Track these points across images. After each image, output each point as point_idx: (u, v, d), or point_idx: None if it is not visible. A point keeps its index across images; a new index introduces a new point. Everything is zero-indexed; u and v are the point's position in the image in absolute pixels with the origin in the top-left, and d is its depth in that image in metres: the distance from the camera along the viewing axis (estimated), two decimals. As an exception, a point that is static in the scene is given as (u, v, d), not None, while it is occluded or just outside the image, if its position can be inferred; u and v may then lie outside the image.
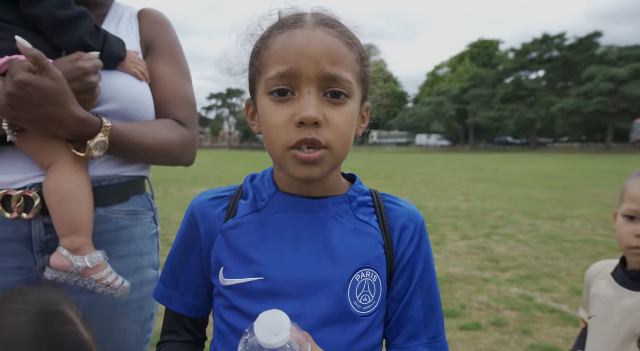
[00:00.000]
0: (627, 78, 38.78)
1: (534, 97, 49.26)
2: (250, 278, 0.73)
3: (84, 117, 0.93)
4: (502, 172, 17.15)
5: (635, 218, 1.12)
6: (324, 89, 0.68)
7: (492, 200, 9.28)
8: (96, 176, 1.06)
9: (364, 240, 0.75)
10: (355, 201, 0.78)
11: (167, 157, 1.13)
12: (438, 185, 12.20)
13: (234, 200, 0.80)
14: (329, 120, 0.67)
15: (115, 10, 1.22)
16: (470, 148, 53.52)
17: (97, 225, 1.03)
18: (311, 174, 0.69)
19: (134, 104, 1.09)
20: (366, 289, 0.73)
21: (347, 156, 0.74)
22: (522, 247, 5.31)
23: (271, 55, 0.70)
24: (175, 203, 8.59)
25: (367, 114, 0.81)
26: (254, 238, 0.75)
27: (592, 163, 22.20)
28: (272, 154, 0.72)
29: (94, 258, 0.98)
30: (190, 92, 1.24)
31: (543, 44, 49.62)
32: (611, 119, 41.45)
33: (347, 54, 0.70)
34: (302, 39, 0.68)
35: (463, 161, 26.06)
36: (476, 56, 64.81)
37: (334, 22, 0.72)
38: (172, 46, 1.25)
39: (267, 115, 0.69)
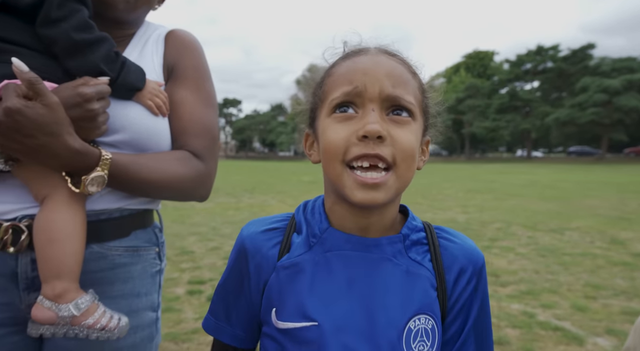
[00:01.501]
0: (620, 89, 39.23)
1: (528, 108, 49.69)
2: (304, 323, 0.69)
3: (80, 148, 0.85)
4: (498, 182, 17.16)
5: None
6: (387, 109, 0.67)
7: (489, 211, 9.24)
8: (94, 210, 0.97)
9: (417, 284, 0.71)
10: (408, 239, 0.74)
11: (176, 193, 1.03)
12: (435, 196, 12.15)
13: (287, 234, 0.76)
14: (394, 137, 0.65)
15: (144, 31, 1.14)
16: (466, 158, 53.70)
17: (90, 263, 0.95)
18: (374, 200, 0.65)
19: (146, 134, 1.00)
20: (422, 336, 0.69)
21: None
22: (521, 260, 5.25)
23: (335, 79, 0.71)
24: (170, 214, 8.49)
25: (426, 148, 0.78)
26: (307, 280, 0.72)
27: (587, 173, 22.30)
28: (329, 174, 0.69)
29: (80, 304, 0.88)
30: (212, 121, 1.13)
31: (537, 55, 50.23)
32: (605, 130, 41.80)
33: (409, 79, 0.70)
34: (367, 62, 0.69)
35: (459, 171, 26.10)
36: (471, 67, 65.39)
37: (397, 53, 0.74)
38: (197, 71, 1.14)
39: (328, 132, 0.68)
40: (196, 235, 6.57)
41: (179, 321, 3.35)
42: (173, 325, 3.26)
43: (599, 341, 3.02)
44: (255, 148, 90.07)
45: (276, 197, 11.90)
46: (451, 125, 53.77)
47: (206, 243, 6.06)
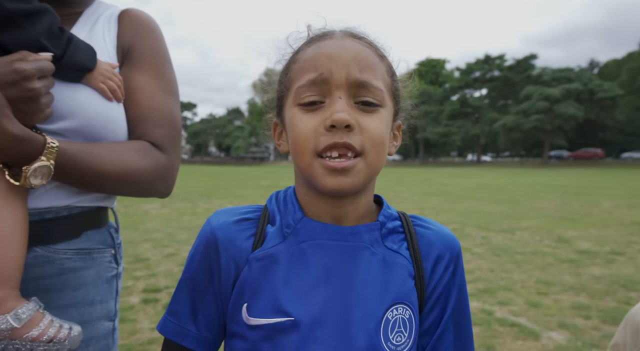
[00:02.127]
0: (560, 97, 42.03)
1: (478, 114, 52.09)
2: (279, 319, 0.65)
3: (20, 133, 0.74)
4: (451, 185, 17.78)
5: None
6: (355, 96, 0.65)
7: (445, 213, 9.52)
8: (37, 208, 0.85)
9: (394, 272, 0.69)
10: (385, 228, 0.71)
11: (134, 187, 0.92)
12: (392, 199, 12.38)
13: (261, 225, 0.71)
14: (362, 125, 0.63)
15: (94, 10, 1.02)
16: (421, 162, 55.34)
17: (34, 268, 0.83)
18: (342, 185, 0.63)
19: (99, 122, 0.89)
20: (399, 327, 0.67)
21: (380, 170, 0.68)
22: (477, 260, 5.43)
23: (300, 65, 0.68)
24: (122, 220, 8.05)
25: (398, 133, 0.76)
26: (282, 272, 0.67)
27: (533, 177, 23.59)
28: (300, 164, 0.66)
29: (21, 314, 0.76)
30: (173, 109, 1.02)
31: (485, 63, 52.84)
32: (547, 135, 44.54)
33: (377, 62, 0.68)
34: (332, 46, 0.66)
35: (414, 175, 26.82)
36: (424, 74, 67.59)
37: (363, 36, 0.71)
38: (156, 54, 1.03)
39: (295, 123, 0.65)
40: (150, 242, 6.29)
41: (134, 331, 3.16)
42: (127, 336, 3.08)
43: (553, 336, 3.15)
44: (210, 152, 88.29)
45: (234, 202, 11.67)
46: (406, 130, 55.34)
47: (161, 249, 5.81)
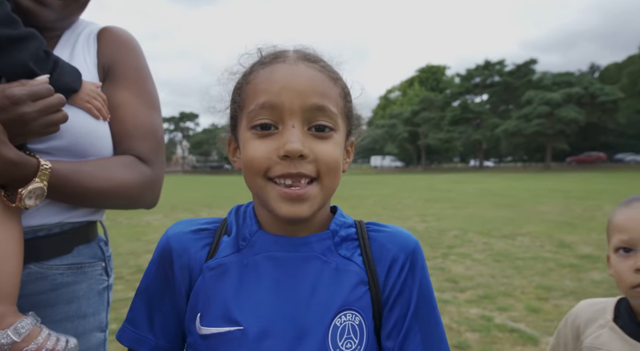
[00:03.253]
0: (561, 102, 42.01)
1: (479, 120, 52.06)
2: (229, 328, 0.67)
3: (15, 158, 0.78)
4: (454, 191, 17.75)
5: (631, 250, 0.94)
6: (309, 122, 0.66)
7: (447, 219, 9.52)
8: (30, 226, 0.89)
9: (344, 280, 0.70)
10: (338, 236, 0.73)
11: (123, 200, 0.97)
12: (394, 206, 12.39)
13: (217, 236, 0.73)
14: (316, 153, 0.65)
15: (73, 29, 1.05)
16: (423, 168, 55.30)
17: (28, 285, 0.87)
18: (298, 213, 0.65)
19: (86, 140, 0.93)
20: (348, 333, 0.68)
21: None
22: (478, 266, 5.43)
23: (252, 88, 0.68)
24: (124, 233, 8.13)
25: (351, 149, 0.78)
26: (233, 282, 0.69)
27: (535, 181, 23.54)
28: (252, 187, 0.68)
29: (20, 328, 0.79)
30: (156, 124, 1.07)
31: (485, 69, 52.93)
32: (549, 140, 44.46)
33: (330, 86, 0.69)
34: (285, 72, 0.67)
35: (417, 181, 26.80)
36: (425, 80, 67.79)
37: (316, 58, 0.71)
38: (137, 70, 1.07)
39: (248, 147, 0.66)
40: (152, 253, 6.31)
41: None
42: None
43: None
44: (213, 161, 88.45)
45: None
46: (407, 137, 55.38)
47: (164, 260, 5.82)
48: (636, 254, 0.93)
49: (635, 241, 0.94)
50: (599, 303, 1.06)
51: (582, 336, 1.03)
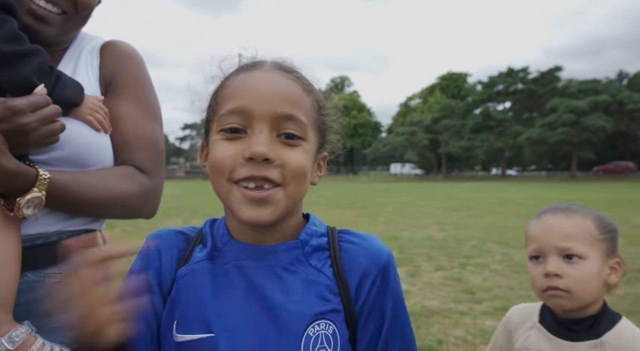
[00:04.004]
0: (587, 110, 40.93)
1: (502, 127, 51.16)
2: (201, 335, 0.67)
3: (14, 168, 0.80)
4: (474, 200, 17.46)
5: (540, 257, 1.06)
6: (277, 130, 0.66)
7: (465, 229, 9.37)
8: (28, 235, 0.91)
9: (315, 291, 0.70)
10: (308, 245, 0.73)
11: (122, 210, 0.99)
12: (412, 214, 12.26)
13: (192, 244, 0.75)
14: (283, 158, 0.65)
15: (77, 44, 1.09)
16: (443, 176, 54.63)
17: (25, 293, 0.88)
18: (261, 216, 0.65)
19: (86, 150, 0.96)
20: (322, 343, 0.68)
21: (304, 197, 0.70)
22: (496, 277, 5.33)
23: (226, 93, 0.70)
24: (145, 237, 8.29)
25: (323, 163, 0.78)
26: (205, 290, 0.70)
27: (559, 191, 22.93)
28: (217, 190, 0.68)
29: (15, 337, 0.80)
30: (156, 134, 1.09)
31: (508, 76, 52.06)
32: (574, 148, 43.32)
33: (302, 97, 0.69)
34: (258, 79, 0.68)
35: (436, 190, 26.47)
36: (446, 88, 67.20)
37: (292, 69, 0.73)
38: (137, 81, 1.10)
39: (215, 149, 0.67)
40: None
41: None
42: None
43: (570, 356, 3.07)
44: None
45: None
46: (428, 144, 54.85)
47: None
48: (545, 261, 1.05)
49: (543, 249, 1.05)
50: (528, 307, 1.16)
51: (514, 338, 1.13)
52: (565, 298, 1.02)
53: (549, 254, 1.05)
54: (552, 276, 1.02)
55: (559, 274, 1.02)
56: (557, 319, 1.08)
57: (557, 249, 1.04)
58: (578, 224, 1.05)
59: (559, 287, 1.02)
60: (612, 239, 1.08)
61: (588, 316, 1.05)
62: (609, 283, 1.06)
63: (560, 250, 1.03)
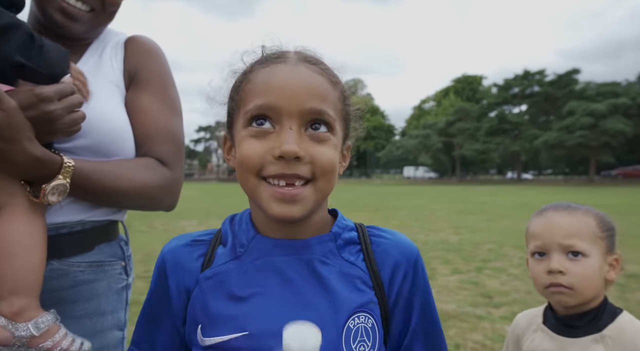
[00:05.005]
0: (606, 113, 40.14)
1: (517, 131, 50.48)
2: (232, 335, 0.65)
3: (40, 155, 0.81)
4: (489, 204, 17.24)
5: (544, 254, 1.07)
6: (306, 125, 0.65)
7: (481, 232, 9.24)
8: (53, 223, 0.91)
9: (352, 283, 0.69)
10: (340, 238, 0.72)
11: (143, 201, 1.00)
12: (427, 218, 12.15)
13: (212, 246, 0.73)
14: (312, 155, 0.64)
15: (102, 39, 1.11)
16: (458, 180, 54.10)
17: (50, 281, 0.89)
18: (291, 213, 0.64)
19: (109, 139, 0.97)
20: (362, 336, 0.66)
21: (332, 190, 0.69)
22: (513, 281, 5.23)
23: (251, 88, 0.68)
24: (159, 237, 8.36)
25: (347, 153, 0.77)
26: (234, 289, 0.68)
27: (577, 195, 22.51)
28: (245, 187, 0.67)
29: (40, 323, 0.80)
30: (176, 128, 1.10)
31: (524, 79, 51.42)
32: (592, 152, 42.51)
33: (329, 90, 0.68)
34: (284, 74, 0.66)
35: (450, 193, 26.22)
36: (460, 91, 66.66)
37: (317, 60, 0.71)
38: (160, 76, 1.12)
39: (243, 146, 0.66)
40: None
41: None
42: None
43: (593, 363, 2.98)
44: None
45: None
46: (442, 147, 54.42)
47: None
48: (548, 258, 1.06)
49: (546, 246, 1.06)
50: (532, 311, 1.18)
51: (521, 343, 1.14)
52: (569, 295, 1.03)
53: (552, 251, 1.06)
54: (555, 273, 1.04)
55: (562, 271, 1.03)
56: (558, 317, 1.09)
57: (561, 246, 1.05)
58: (581, 221, 1.07)
59: (563, 284, 1.03)
60: (611, 237, 1.09)
61: (588, 311, 1.06)
62: (607, 280, 1.07)
63: (564, 247, 1.05)
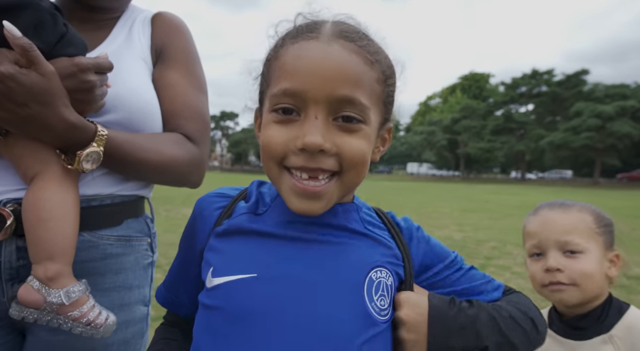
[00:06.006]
0: (614, 115, 39.85)
1: (523, 130, 50.22)
2: (240, 275, 0.62)
3: (76, 121, 0.81)
4: (492, 202, 17.20)
5: (540, 254, 1.06)
6: (335, 113, 0.60)
7: (484, 230, 9.22)
8: (85, 195, 0.92)
9: (376, 245, 0.69)
10: (362, 212, 0.72)
11: (171, 175, 1.00)
12: (430, 214, 12.14)
13: (233, 201, 0.73)
14: (340, 146, 0.60)
15: (129, 14, 1.12)
16: (461, 177, 53.98)
17: (81, 252, 0.89)
18: (311, 209, 0.61)
19: (138, 114, 0.97)
20: (383, 290, 0.65)
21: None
22: (517, 279, 5.22)
23: (279, 67, 0.63)
24: (163, 223, 8.38)
25: (388, 136, 0.73)
26: (251, 242, 0.67)
27: (582, 196, 22.43)
28: (268, 174, 0.65)
29: (72, 292, 0.81)
30: (203, 105, 1.10)
31: (532, 78, 51.05)
32: (598, 154, 42.27)
33: (365, 72, 0.62)
34: (314, 54, 0.60)
35: (454, 190, 26.18)
36: (467, 88, 66.27)
37: (355, 34, 0.63)
38: (186, 53, 1.11)
39: (267, 132, 0.63)
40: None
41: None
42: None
43: (597, 363, 2.98)
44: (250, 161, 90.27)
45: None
46: (446, 145, 54.24)
47: (200, 253, 5.95)
48: (545, 257, 1.05)
49: (543, 245, 1.06)
50: None
51: None
52: (569, 292, 1.01)
53: (548, 249, 1.04)
54: (553, 271, 1.02)
55: (559, 268, 1.01)
56: (564, 320, 1.07)
57: (558, 243, 1.03)
58: (576, 218, 1.05)
59: (562, 281, 1.01)
60: (609, 232, 1.07)
61: (593, 309, 1.03)
62: (609, 276, 1.05)
63: (561, 244, 1.03)
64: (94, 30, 1.03)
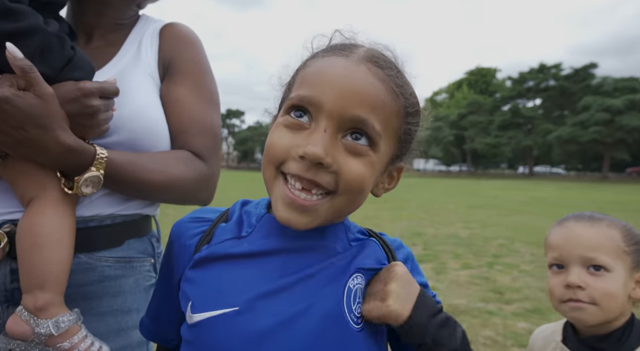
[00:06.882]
0: (623, 109, 39.41)
1: (530, 125, 49.88)
2: (222, 310, 0.59)
3: (73, 144, 0.78)
4: (500, 198, 17.08)
5: (562, 266, 0.99)
6: (345, 130, 0.59)
7: (492, 227, 9.14)
8: (83, 216, 0.89)
9: (361, 251, 0.68)
10: (349, 232, 0.69)
11: (178, 194, 0.96)
12: (436, 211, 12.07)
13: (213, 224, 0.69)
14: (341, 165, 0.58)
15: (140, 27, 1.08)
16: (468, 173, 53.69)
17: (77, 275, 0.86)
18: (296, 222, 0.59)
19: (143, 134, 0.94)
20: (359, 297, 0.64)
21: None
22: (525, 277, 5.15)
23: (304, 76, 0.63)
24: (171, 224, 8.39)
25: (397, 175, 0.70)
26: (231, 268, 0.63)
27: (590, 191, 22.22)
28: (264, 175, 0.63)
29: (61, 322, 0.77)
30: (213, 120, 1.05)
31: (540, 73, 50.64)
32: (607, 149, 41.84)
33: (385, 101, 0.60)
34: (340, 70, 0.60)
35: (461, 186, 26.04)
36: (473, 83, 65.79)
37: (385, 63, 0.62)
38: (196, 66, 1.06)
39: (273, 134, 0.62)
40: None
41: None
42: None
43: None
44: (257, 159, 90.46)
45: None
46: (453, 140, 53.97)
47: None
48: (566, 271, 0.98)
49: (565, 258, 0.99)
50: (549, 328, 1.09)
51: None
52: (589, 312, 0.94)
53: (571, 264, 0.98)
54: (574, 287, 0.95)
55: (581, 286, 0.95)
56: (581, 339, 1.00)
57: (581, 259, 0.97)
58: (604, 234, 0.98)
59: (582, 299, 0.94)
60: (638, 251, 0.99)
61: (613, 331, 0.96)
62: (633, 298, 0.98)
63: (585, 261, 0.96)
64: (104, 46, 1.01)
